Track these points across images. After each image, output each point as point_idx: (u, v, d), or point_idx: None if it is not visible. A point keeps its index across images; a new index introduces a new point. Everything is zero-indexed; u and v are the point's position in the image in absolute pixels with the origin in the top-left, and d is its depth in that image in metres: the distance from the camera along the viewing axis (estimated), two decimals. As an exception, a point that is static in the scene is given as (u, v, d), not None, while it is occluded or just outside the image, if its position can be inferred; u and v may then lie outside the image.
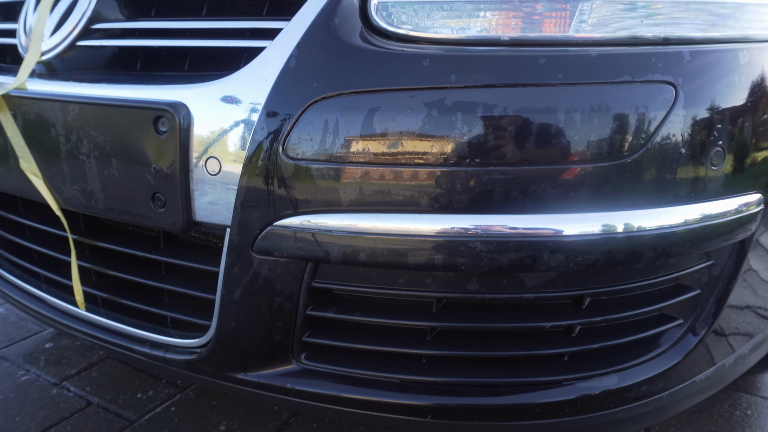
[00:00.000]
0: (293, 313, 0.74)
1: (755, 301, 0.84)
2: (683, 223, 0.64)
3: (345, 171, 0.64)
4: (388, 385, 0.74)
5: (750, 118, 0.66)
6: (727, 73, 0.65)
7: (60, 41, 0.87)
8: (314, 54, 0.67)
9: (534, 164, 0.60)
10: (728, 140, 0.65)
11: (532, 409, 0.71)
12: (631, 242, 0.63)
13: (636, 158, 0.61)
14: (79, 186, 0.82)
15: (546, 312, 0.71)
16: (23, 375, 1.34)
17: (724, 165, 0.66)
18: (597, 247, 0.62)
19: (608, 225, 0.62)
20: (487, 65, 0.61)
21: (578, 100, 0.60)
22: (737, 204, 0.69)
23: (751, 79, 0.66)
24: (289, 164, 0.66)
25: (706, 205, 0.66)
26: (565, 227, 0.61)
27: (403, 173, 0.63)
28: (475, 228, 0.62)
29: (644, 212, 0.63)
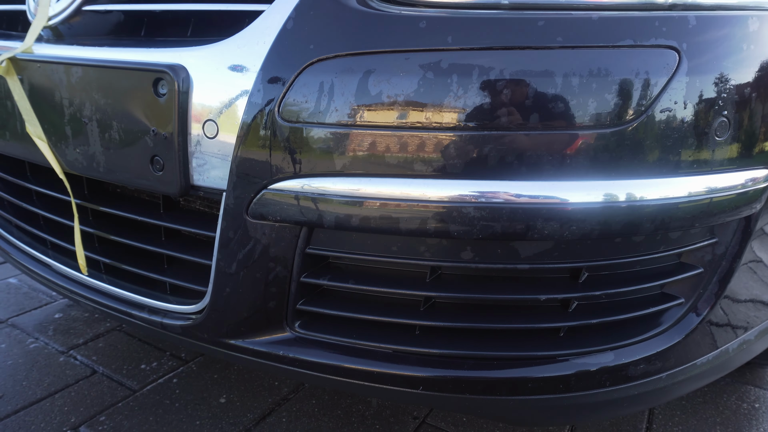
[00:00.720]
0: (287, 279, 0.74)
1: (762, 285, 0.82)
2: (684, 195, 0.63)
3: (339, 134, 0.64)
4: (380, 355, 0.74)
5: (758, 89, 0.64)
6: (735, 40, 0.62)
7: (66, 6, 0.88)
8: (312, 16, 0.66)
9: (529, 129, 0.59)
10: (734, 111, 0.63)
11: (525, 383, 0.70)
12: (628, 212, 0.61)
13: (635, 125, 0.59)
14: (81, 149, 0.83)
15: (542, 284, 0.69)
16: (32, 342, 1.36)
17: (729, 136, 0.64)
18: (592, 216, 0.61)
19: (605, 194, 0.60)
20: (484, 27, 0.60)
21: (577, 63, 0.58)
22: (742, 179, 0.66)
23: (761, 48, 0.64)
24: (284, 127, 0.66)
25: (709, 177, 0.64)
26: (559, 194, 0.60)
27: (397, 137, 0.62)
28: (468, 194, 0.61)
29: (643, 182, 0.61)
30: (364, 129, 0.63)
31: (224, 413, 1.13)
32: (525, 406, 0.72)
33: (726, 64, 0.62)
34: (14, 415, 1.11)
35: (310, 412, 1.15)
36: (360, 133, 0.63)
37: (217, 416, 1.12)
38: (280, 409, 1.16)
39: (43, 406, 1.13)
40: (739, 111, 0.63)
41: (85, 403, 1.15)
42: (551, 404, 0.72)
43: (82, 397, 1.16)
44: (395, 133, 0.62)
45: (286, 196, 0.68)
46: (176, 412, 1.13)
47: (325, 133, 0.64)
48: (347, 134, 0.63)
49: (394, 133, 0.62)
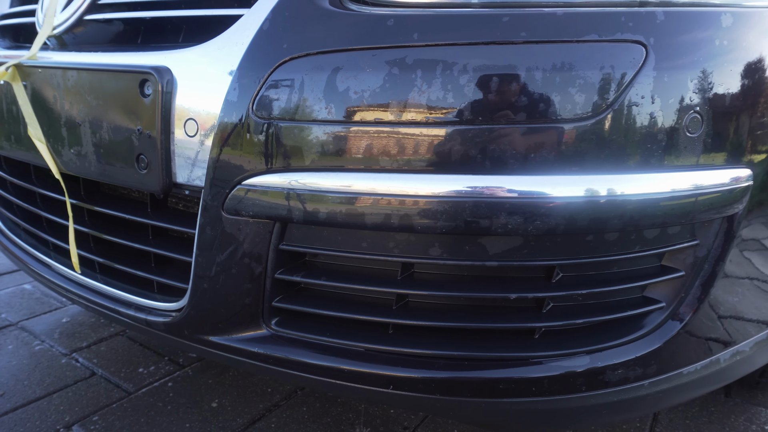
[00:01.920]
0: (262, 276, 0.74)
1: (755, 293, 0.79)
2: (653, 192, 0.61)
3: (307, 130, 0.65)
4: (352, 354, 0.73)
5: (734, 86, 0.63)
6: (708, 36, 0.62)
7: (69, 16, 0.92)
8: (287, 17, 0.68)
9: (492, 123, 0.59)
10: (707, 107, 0.62)
11: (496, 385, 0.69)
12: (592, 208, 0.60)
13: (600, 120, 0.59)
14: (75, 149, 0.86)
15: (514, 283, 0.68)
16: (38, 345, 1.40)
17: (703, 133, 0.62)
18: (556, 211, 0.60)
19: (568, 189, 0.60)
20: (448, 24, 0.61)
21: (540, 58, 0.58)
22: (720, 178, 0.65)
23: (736, 44, 0.63)
24: (257, 123, 0.68)
25: (682, 175, 0.63)
26: (523, 189, 0.60)
27: (363, 132, 0.63)
28: (431, 188, 0.61)
29: (611, 177, 0.60)
30: (331, 125, 0.64)
31: (215, 417, 1.14)
32: (497, 409, 0.71)
33: (698, 60, 0.61)
34: (12, 412, 1.13)
35: (300, 419, 1.15)
36: (327, 128, 0.64)
37: (207, 420, 1.13)
38: (270, 415, 1.15)
39: (40, 404, 1.16)
40: (712, 107, 0.62)
41: (81, 403, 1.16)
42: (524, 408, 0.71)
43: (79, 398, 1.18)
44: (361, 128, 0.63)
45: (258, 192, 0.69)
46: (168, 414, 1.14)
47: (295, 129, 0.66)
48: (315, 130, 0.65)
49: (360, 128, 0.63)
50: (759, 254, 0.75)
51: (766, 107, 0.65)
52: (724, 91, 0.62)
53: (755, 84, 0.64)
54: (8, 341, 1.41)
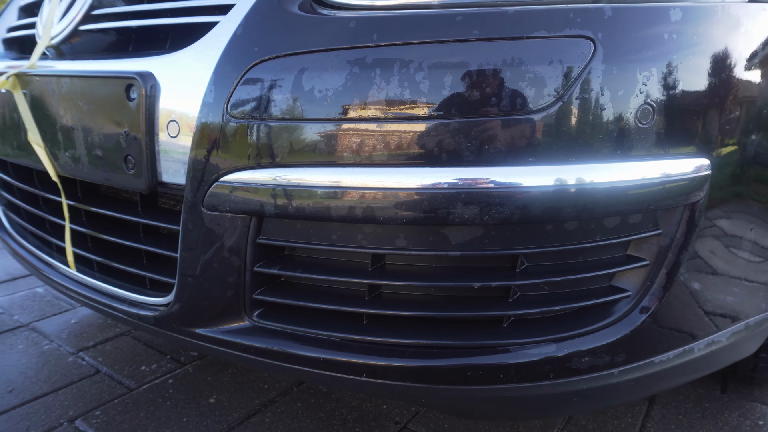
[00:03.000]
0: (242, 269, 0.78)
1: (726, 283, 0.80)
2: (604, 182, 0.63)
3: (276, 128, 0.68)
4: (329, 343, 0.76)
5: (684, 77, 0.65)
6: (658, 30, 0.64)
7: (65, 26, 0.97)
8: (258, 22, 0.72)
9: (447, 117, 0.62)
10: (659, 98, 0.64)
11: (464, 372, 0.71)
12: (545, 197, 0.62)
13: (550, 112, 0.61)
14: (70, 152, 0.91)
15: (476, 273, 0.71)
16: (47, 344, 1.45)
17: (655, 123, 0.64)
18: (510, 201, 0.62)
19: (520, 179, 0.62)
20: (406, 24, 0.64)
21: (491, 54, 0.61)
22: (674, 167, 0.66)
23: (685, 38, 0.64)
24: (230, 123, 0.71)
25: (635, 165, 0.64)
26: (477, 180, 0.62)
27: (326, 129, 0.66)
28: (391, 180, 0.64)
29: (562, 168, 0.62)
30: (298, 122, 0.67)
31: (211, 412, 1.17)
32: (466, 396, 0.73)
33: (647, 54, 0.63)
34: (20, 407, 1.18)
35: (294, 413, 1.17)
36: (294, 126, 0.67)
37: (204, 414, 1.16)
38: (265, 410, 1.19)
39: (46, 400, 1.21)
40: (664, 99, 0.64)
41: (85, 399, 1.21)
42: (493, 395, 0.73)
43: (83, 394, 1.23)
44: (325, 125, 0.66)
45: (233, 188, 0.72)
46: (166, 409, 1.18)
47: (265, 127, 0.69)
48: (284, 128, 0.68)
49: (324, 125, 0.66)
50: (727, 244, 0.76)
51: (719, 99, 0.67)
52: (674, 82, 0.64)
53: (707, 75, 0.66)
54: (19, 341, 1.47)
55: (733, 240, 0.77)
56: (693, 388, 1.31)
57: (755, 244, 0.80)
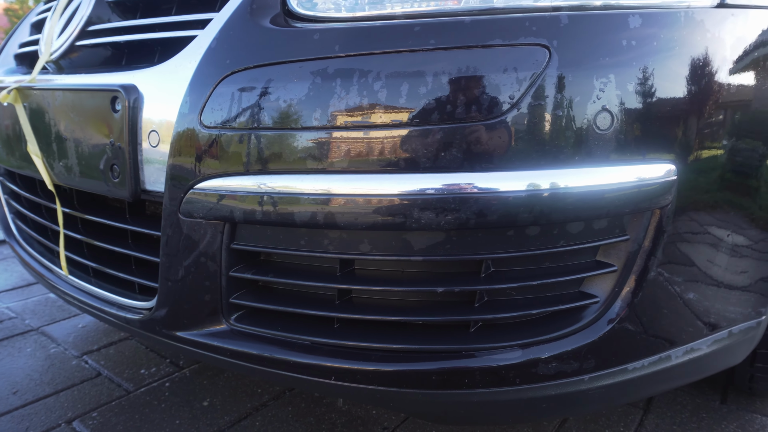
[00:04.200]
0: (218, 273, 0.80)
1: (703, 291, 0.79)
2: (561, 187, 0.64)
3: (244, 137, 0.71)
4: (300, 346, 0.78)
5: (643, 84, 0.65)
6: (615, 37, 0.64)
7: (63, 42, 1.02)
8: (231, 36, 0.75)
9: (403, 126, 0.63)
10: (618, 104, 0.64)
11: (429, 376, 0.71)
12: (501, 203, 0.63)
13: (505, 118, 0.62)
14: (63, 162, 0.95)
15: (441, 278, 0.71)
16: (53, 348, 1.50)
17: (614, 130, 0.64)
18: (466, 206, 0.63)
19: (475, 185, 0.63)
20: (366, 35, 0.65)
21: (447, 63, 0.62)
22: (636, 173, 0.66)
23: (644, 44, 0.65)
24: (203, 133, 0.74)
25: (594, 170, 0.65)
26: (433, 186, 0.63)
27: (291, 138, 0.68)
28: (349, 187, 0.65)
29: (519, 174, 0.63)
30: (264, 131, 0.69)
31: (204, 415, 1.20)
32: (433, 400, 0.73)
33: (605, 60, 0.64)
34: (22, 408, 1.22)
35: (284, 417, 1.19)
36: (261, 135, 0.69)
37: (196, 417, 1.19)
38: (256, 414, 1.21)
39: (47, 402, 1.25)
40: (622, 105, 0.64)
41: (84, 400, 1.25)
42: (459, 399, 0.73)
43: (83, 396, 1.27)
44: (289, 134, 0.68)
45: (207, 195, 0.75)
46: (161, 412, 1.21)
47: (234, 136, 0.71)
48: (251, 137, 0.70)
49: (288, 134, 0.68)
50: (701, 251, 0.76)
51: (684, 105, 0.67)
52: (634, 89, 0.64)
53: (670, 82, 0.66)
54: (28, 345, 1.52)
55: (708, 246, 0.76)
56: (691, 397, 1.28)
57: (733, 251, 0.79)
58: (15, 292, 1.89)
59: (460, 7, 0.68)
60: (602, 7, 0.66)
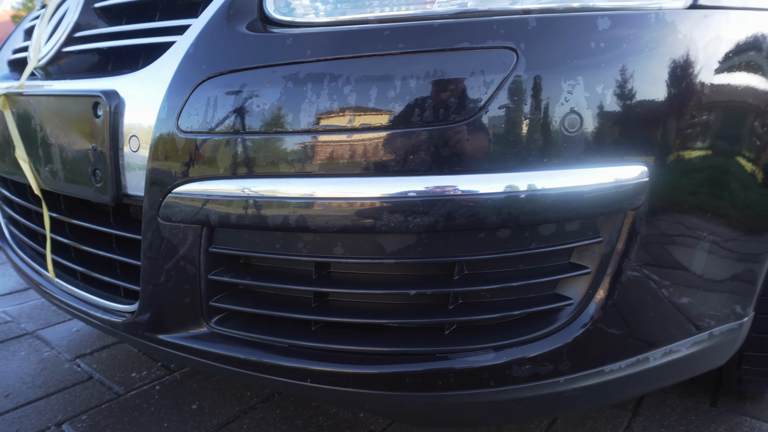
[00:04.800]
0: (197, 277, 0.81)
1: (679, 293, 0.79)
2: (528, 190, 0.64)
3: (220, 141, 0.71)
4: (278, 349, 0.78)
5: (613, 85, 0.65)
6: (583, 39, 0.64)
7: (50, 49, 1.03)
8: (208, 41, 0.75)
9: (372, 129, 0.64)
10: (585, 106, 0.64)
11: (403, 379, 0.72)
12: (468, 205, 0.63)
13: (473, 121, 0.62)
14: (49, 167, 0.96)
15: (416, 280, 0.72)
16: (47, 352, 1.51)
17: (582, 132, 0.65)
18: (434, 209, 0.63)
19: (443, 187, 0.63)
20: (336, 40, 0.66)
21: (416, 66, 0.63)
22: (606, 175, 0.66)
23: (613, 46, 0.65)
24: (180, 137, 0.75)
25: (563, 172, 0.65)
26: (401, 188, 0.63)
27: (263, 141, 0.69)
28: (319, 191, 0.66)
29: (488, 176, 0.63)
30: (237, 136, 0.70)
31: (192, 418, 1.20)
32: (408, 402, 0.74)
33: (574, 63, 0.64)
34: (13, 411, 1.24)
35: (272, 420, 1.20)
36: (234, 139, 0.70)
37: (185, 420, 1.20)
38: (244, 417, 1.21)
39: (38, 405, 1.26)
40: (591, 107, 0.65)
41: (74, 404, 1.26)
42: (434, 402, 0.73)
43: (73, 399, 1.28)
44: (262, 137, 0.69)
45: (184, 199, 0.76)
46: (150, 415, 1.21)
47: (209, 141, 0.72)
48: (226, 141, 0.71)
49: (261, 137, 0.69)
50: (678, 252, 0.76)
51: (651, 106, 0.67)
52: (603, 91, 0.65)
53: (640, 83, 0.66)
54: (22, 348, 1.53)
55: (684, 247, 0.76)
56: (681, 400, 1.28)
57: (709, 252, 0.79)
58: (12, 296, 1.91)
59: (432, 11, 0.68)
60: (570, 9, 0.66)
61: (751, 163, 0.76)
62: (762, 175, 0.77)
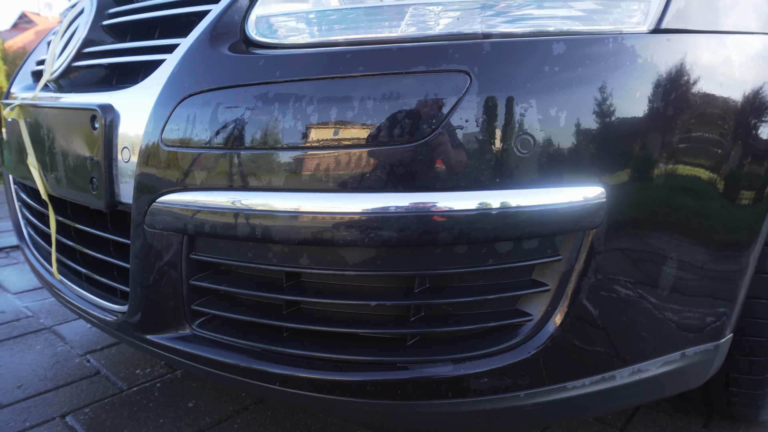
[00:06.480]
0: (180, 282, 0.85)
1: (646, 310, 0.79)
2: (481, 207, 0.66)
3: (198, 155, 0.76)
4: (252, 352, 0.82)
5: (567, 109, 0.66)
6: (537, 63, 0.66)
7: (62, 63, 1.11)
8: (191, 61, 0.80)
9: (331, 148, 0.67)
10: (539, 128, 0.66)
11: (363, 386, 0.74)
12: (420, 222, 0.66)
13: (427, 141, 0.65)
14: (54, 174, 1.03)
15: (379, 291, 0.74)
16: (61, 346, 1.60)
17: (536, 153, 0.66)
18: (388, 225, 0.66)
19: (398, 205, 0.66)
20: (303, 62, 0.70)
21: (374, 88, 0.66)
22: (562, 195, 0.68)
23: (568, 70, 0.67)
24: (164, 150, 0.80)
25: (515, 192, 0.67)
26: (357, 206, 0.66)
27: (234, 156, 0.73)
28: (284, 204, 0.69)
29: (441, 195, 0.66)
30: (212, 150, 0.74)
31: (187, 415, 1.26)
32: (370, 410, 0.76)
33: (527, 86, 0.66)
34: (23, 401, 1.31)
35: (262, 421, 1.24)
36: (210, 154, 0.75)
37: (180, 417, 1.25)
38: (236, 417, 1.25)
39: (47, 396, 1.33)
40: (545, 129, 0.66)
41: (80, 397, 1.33)
42: (394, 410, 0.76)
43: (80, 392, 1.35)
44: (234, 152, 0.73)
45: (166, 208, 0.80)
46: (148, 410, 1.27)
47: (189, 154, 0.77)
48: (203, 155, 0.75)
49: (232, 152, 0.73)
50: (637, 271, 0.76)
51: (606, 129, 0.68)
52: (555, 113, 0.66)
53: (593, 106, 0.67)
54: (38, 342, 1.62)
55: (648, 266, 0.77)
56: (672, 419, 1.26)
57: (678, 271, 0.79)
58: (34, 293, 2.01)
59: (398, 35, 0.71)
60: (526, 34, 0.68)
61: (711, 182, 0.76)
62: (723, 192, 0.77)
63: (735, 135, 0.76)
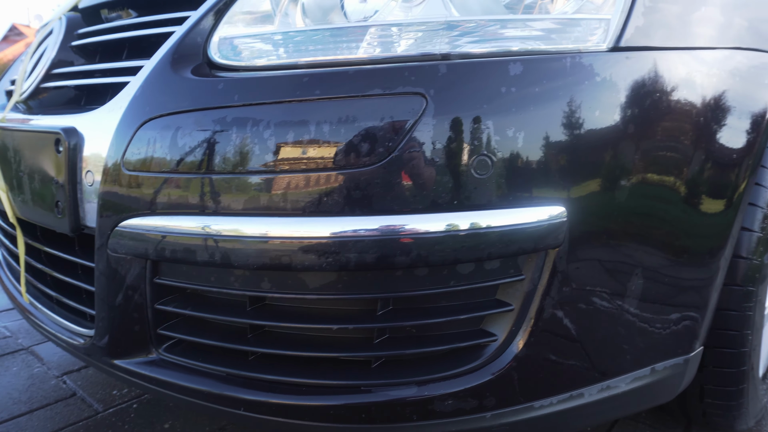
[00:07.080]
0: (144, 306, 0.84)
1: (613, 327, 0.79)
2: (441, 230, 0.66)
3: (156, 179, 0.75)
4: (217, 377, 0.81)
5: (524, 129, 0.67)
6: (493, 84, 0.66)
7: (31, 84, 1.10)
8: (153, 84, 0.80)
9: (287, 172, 0.67)
10: (496, 149, 0.66)
11: (327, 410, 0.74)
12: (380, 245, 0.65)
13: (383, 165, 0.65)
14: (21, 197, 1.02)
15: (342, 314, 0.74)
16: (38, 367, 1.57)
17: (494, 174, 0.66)
18: (346, 248, 0.66)
19: (355, 228, 0.65)
20: (261, 85, 0.70)
21: (330, 112, 0.66)
22: (524, 215, 0.68)
23: (525, 90, 0.67)
24: (125, 175, 0.79)
25: (474, 214, 0.67)
26: (313, 230, 0.66)
27: (192, 181, 0.72)
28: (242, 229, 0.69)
29: (397, 218, 0.65)
30: (172, 174, 0.74)
31: (162, 437, 1.24)
32: (334, 433, 0.75)
33: (484, 108, 0.66)
34: (-4, 426, 1.29)
35: (238, 442, 1.22)
36: (169, 178, 0.74)
37: (155, 440, 1.23)
38: (212, 438, 1.24)
39: (20, 420, 1.31)
40: (502, 150, 0.66)
41: (54, 420, 1.31)
42: (359, 434, 0.75)
43: (54, 415, 1.33)
44: (191, 177, 0.72)
45: (128, 233, 0.80)
46: (123, 433, 1.25)
47: (149, 178, 0.76)
48: (161, 179, 0.75)
49: (190, 177, 0.72)
50: (602, 289, 0.76)
51: (565, 149, 0.68)
52: (513, 134, 0.66)
53: (551, 126, 0.67)
54: (15, 363, 1.60)
55: (614, 282, 0.77)
56: (652, 430, 1.26)
57: (643, 286, 0.79)
58: (13, 312, 1.98)
59: (358, 57, 0.71)
60: (485, 55, 0.68)
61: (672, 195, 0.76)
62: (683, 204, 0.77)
63: (695, 147, 0.76)
